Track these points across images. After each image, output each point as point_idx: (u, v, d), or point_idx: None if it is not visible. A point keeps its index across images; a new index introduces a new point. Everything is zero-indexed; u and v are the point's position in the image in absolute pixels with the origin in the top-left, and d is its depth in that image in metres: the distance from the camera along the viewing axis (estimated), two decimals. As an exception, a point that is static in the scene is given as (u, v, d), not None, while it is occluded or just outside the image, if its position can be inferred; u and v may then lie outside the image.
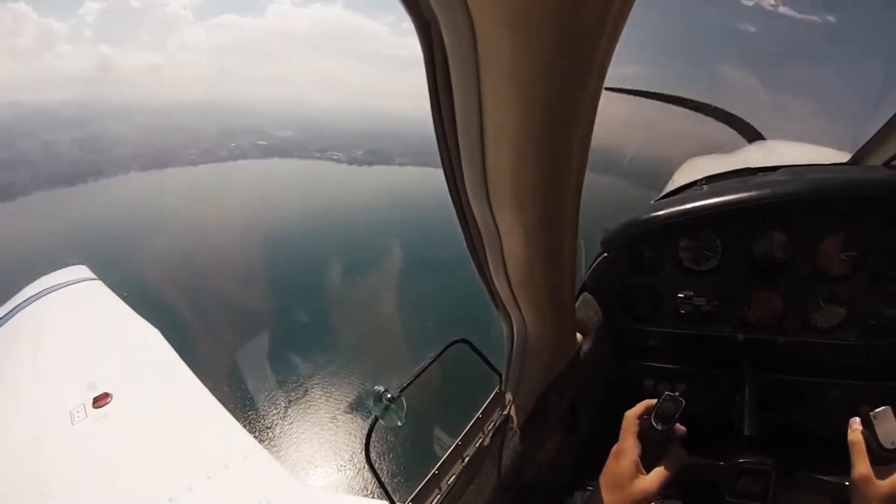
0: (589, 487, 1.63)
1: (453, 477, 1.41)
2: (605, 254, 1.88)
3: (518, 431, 1.53)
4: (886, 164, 2.00)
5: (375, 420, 1.25)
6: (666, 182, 2.62)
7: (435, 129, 0.85)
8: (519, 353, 1.42)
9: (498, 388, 1.50)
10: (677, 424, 1.17)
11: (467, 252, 1.14)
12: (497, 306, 1.30)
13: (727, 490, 1.79)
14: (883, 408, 1.08)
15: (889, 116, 1.97)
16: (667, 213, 1.76)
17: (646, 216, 1.78)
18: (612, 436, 1.21)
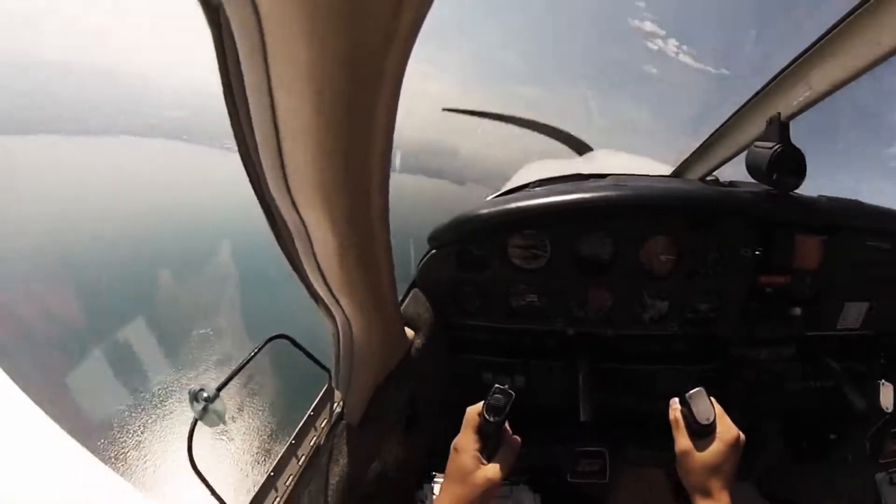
0: (436, 479, 1.70)
1: (291, 478, 1.39)
2: (433, 250, 1.91)
3: (355, 428, 1.53)
4: (702, 178, 2.26)
5: (195, 422, 1.19)
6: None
7: (231, 120, 0.81)
8: (346, 350, 1.41)
9: (327, 385, 1.45)
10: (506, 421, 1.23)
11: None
12: (317, 303, 1.28)
13: (568, 471, 1.97)
14: (697, 389, 1.23)
15: (705, 137, 2.20)
16: (493, 212, 1.82)
17: (472, 213, 1.84)
18: (457, 429, 1.25)
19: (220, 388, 1.20)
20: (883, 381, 1.77)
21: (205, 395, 1.18)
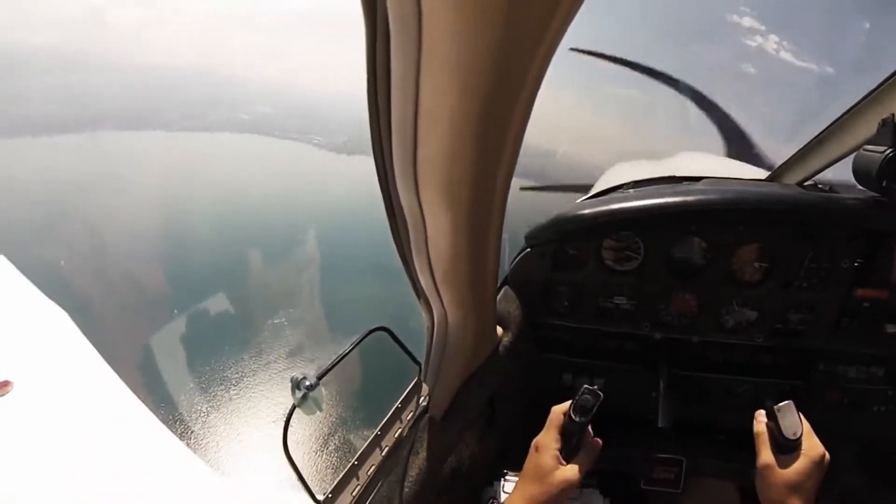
0: (507, 477, 1.68)
1: (372, 468, 1.41)
2: (529, 249, 1.92)
3: (437, 422, 1.55)
4: (799, 184, 2.15)
5: (293, 408, 1.22)
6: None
7: (368, 107, 0.83)
8: (439, 345, 1.43)
9: (416, 378, 1.51)
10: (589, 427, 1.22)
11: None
12: (419, 296, 1.31)
13: (642, 478, 1.94)
14: (786, 402, 1.18)
15: (804, 142, 2.10)
16: (592, 213, 1.81)
17: (571, 214, 1.83)
18: (532, 427, 1.24)
19: (320, 377, 1.23)
20: None
21: (307, 383, 1.21)
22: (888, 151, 1.62)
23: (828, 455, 1.15)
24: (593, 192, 2.21)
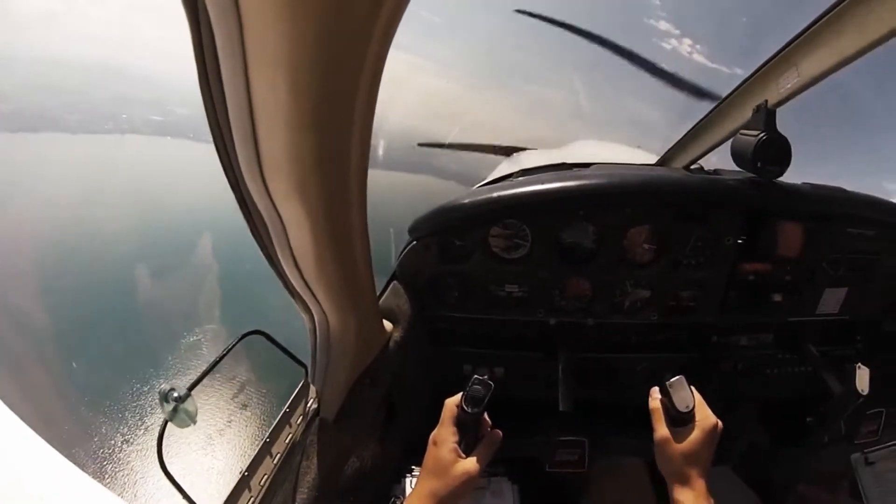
0: (414, 473, 1.69)
1: (265, 476, 1.33)
2: (414, 242, 1.87)
3: (331, 424, 1.50)
4: (685, 167, 2.23)
5: (165, 423, 1.12)
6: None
7: (205, 107, 0.77)
8: (323, 345, 1.38)
9: (303, 380, 1.42)
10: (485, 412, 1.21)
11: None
12: (294, 297, 1.24)
13: (547, 461, 1.95)
14: (678, 377, 1.21)
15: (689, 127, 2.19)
16: (474, 202, 1.79)
17: (453, 204, 1.80)
18: (437, 421, 1.23)
19: (191, 388, 1.14)
20: (859, 364, 1.77)
21: (175, 394, 1.11)
22: (761, 135, 1.70)
23: (720, 423, 1.19)
24: (486, 180, 2.17)
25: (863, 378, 1.75)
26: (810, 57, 1.56)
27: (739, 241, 1.90)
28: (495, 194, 1.77)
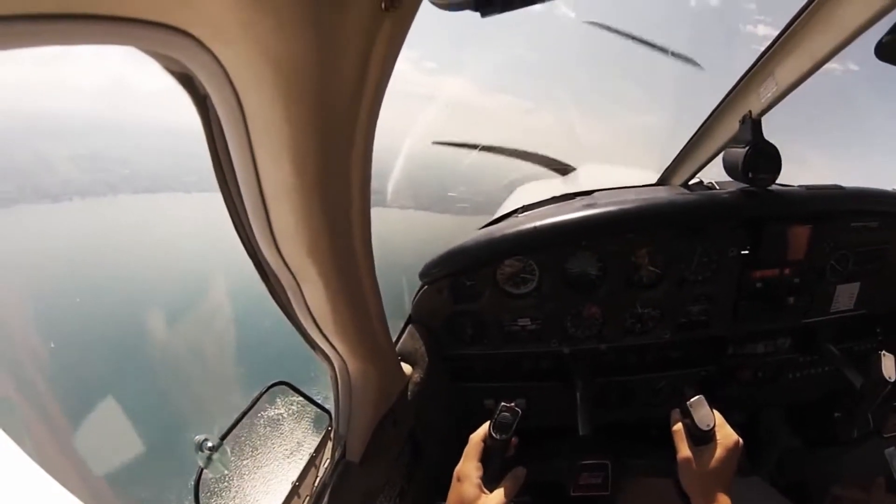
0: None
1: None
2: (425, 286, 1.92)
3: (357, 466, 1.53)
4: (684, 184, 2.22)
5: (201, 471, 1.19)
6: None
7: (221, 190, 0.86)
8: (345, 391, 1.43)
9: (328, 426, 1.49)
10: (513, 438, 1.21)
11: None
12: (314, 349, 1.31)
13: (571, 485, 1.91)
14: (697, 397, 1.22)
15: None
16: (478, 243, 1.83)
17: (459, 247, 1.85)
18: (461, 456, 1.24)
19: (223, 438, 1.21)
20: (884, 352, 1.72)
21: (209, 444, 1.19)
22: (748, 147, 1.70)
23: (741, 441, 1.20)
24: (493, 218, 2.19)
25: (889, 365, 1.69)
26: (784, 65, 1.57)
27: (743, 252, 1.88)
28: (498, 234, 1.82)
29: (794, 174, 2.03)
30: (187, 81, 0.70)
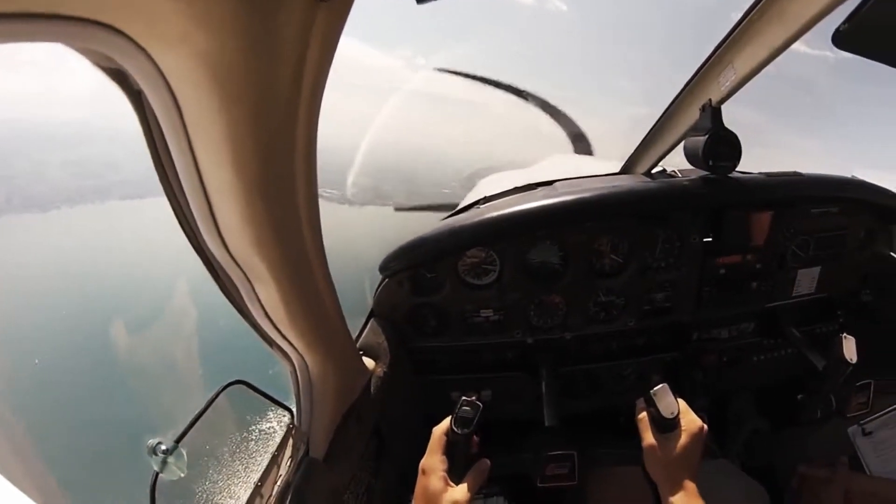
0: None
1: None
2: (386, 279, 1.89)
3: (321, 463, 1.51)
4: (646, 172, 2.21)
5: (157, 475, 1.14)
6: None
7: (162, 185, 0.83)
8: (305, 388, 1.40)
9: (289, 424, 1.44)
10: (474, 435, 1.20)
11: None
12: (270, 345, 1.27)
13: (537, 477, 1.90)
14: (661, 385, 1.22)
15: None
16: (438, 235, 1.80)
17: (418, 239, 1.82)
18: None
19: (178, 440, 1.16)
20: (845, 334, 1.74)
21: (163, 448, 1.14)
22: (708, 135, 1.70)
23: (705, 426, 1.20)
24: (457, 209, 2.15)
25: (849, 347, 1.71)
26: (743, 53, 1.56)
27: (706, 239, 1.89)
28: (458, 225, 1.80)
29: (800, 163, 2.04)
30: (119, 76, 0.67)
